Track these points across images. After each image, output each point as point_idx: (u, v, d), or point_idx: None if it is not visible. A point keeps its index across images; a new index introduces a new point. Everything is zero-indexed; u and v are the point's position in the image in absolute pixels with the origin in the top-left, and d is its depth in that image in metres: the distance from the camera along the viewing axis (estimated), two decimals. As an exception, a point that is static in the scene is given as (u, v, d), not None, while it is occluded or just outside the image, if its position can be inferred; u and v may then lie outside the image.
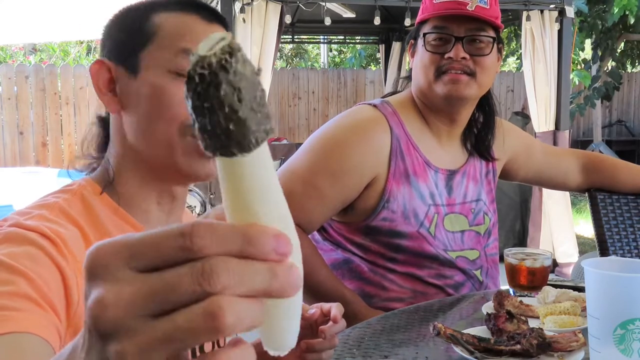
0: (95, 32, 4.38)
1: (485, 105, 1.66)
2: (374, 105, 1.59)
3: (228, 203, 0.42)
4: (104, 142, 1.00)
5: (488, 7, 1.49)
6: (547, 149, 1.92)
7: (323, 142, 1.55)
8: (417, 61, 1.56)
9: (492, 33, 1.52)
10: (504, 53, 1.76)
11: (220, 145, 0.40)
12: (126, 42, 0.93)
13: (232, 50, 0.39)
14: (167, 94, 0.90)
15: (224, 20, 0.98)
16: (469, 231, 1.63)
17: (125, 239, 0.37)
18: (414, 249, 1.54)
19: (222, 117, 0.39)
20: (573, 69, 6.77)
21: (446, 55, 1.49)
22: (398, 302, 1.54)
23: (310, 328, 1.01)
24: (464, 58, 1.48)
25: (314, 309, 1.00)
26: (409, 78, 1.66)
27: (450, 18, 1.49)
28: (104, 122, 1.00)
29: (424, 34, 1.53)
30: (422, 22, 1.55)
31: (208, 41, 0.40)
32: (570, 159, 1.88)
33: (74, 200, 0.91)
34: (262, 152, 0.41)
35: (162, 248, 0.36)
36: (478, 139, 1.68)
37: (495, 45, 1.54)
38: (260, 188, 0.41)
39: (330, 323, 0.99)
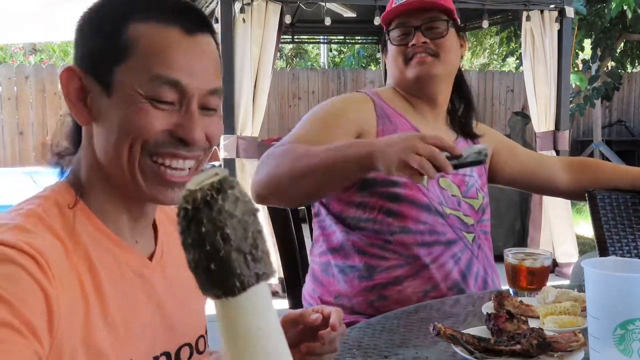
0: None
1: (461, 88, 1.82)
2: (357, 91, 1.80)
3: (223, 344, 0.40)
4: (78, 137, 0.94)
5: None
6: (530, 151, 1.98)
7: (310, 113, 1.74)
8: (389, 57, 1.76)
9: (445, 17, 1.68)
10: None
11: (204, 285, 0.38)
12: (100, 52, 0.88)
13: (221, 187, 0.38)
14: (135, 119, 0.85)
15: (209, 26, 0.92)
16: (464, 202, 1.69)
17: None
18: (408, 197, 1.59)
19: (203, 255, 0.37)
20: (572, 72, 6.75)
21: (410, 44, 1.67)
22: (399, 269, 1.58)
23: (310, 330, 1.01)
24: (424, 42, 1.66)
25: (317, 315, 1.00)
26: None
27: (408, 13, 1.68)
28: None
29: (388, 31, 1.73)
30: (388, 25, 1.74)
31: (201, 176, 0.39)
32: (553, 159, 2.01)
33: (48, 206, 0.86)
34: (252, 297, 0.38)
35: None
36: (461, 117, 1.82)
37: (452, 29, 1.70)
38: (249, 336, 0.38)
39: (329, 328, 0.99)
